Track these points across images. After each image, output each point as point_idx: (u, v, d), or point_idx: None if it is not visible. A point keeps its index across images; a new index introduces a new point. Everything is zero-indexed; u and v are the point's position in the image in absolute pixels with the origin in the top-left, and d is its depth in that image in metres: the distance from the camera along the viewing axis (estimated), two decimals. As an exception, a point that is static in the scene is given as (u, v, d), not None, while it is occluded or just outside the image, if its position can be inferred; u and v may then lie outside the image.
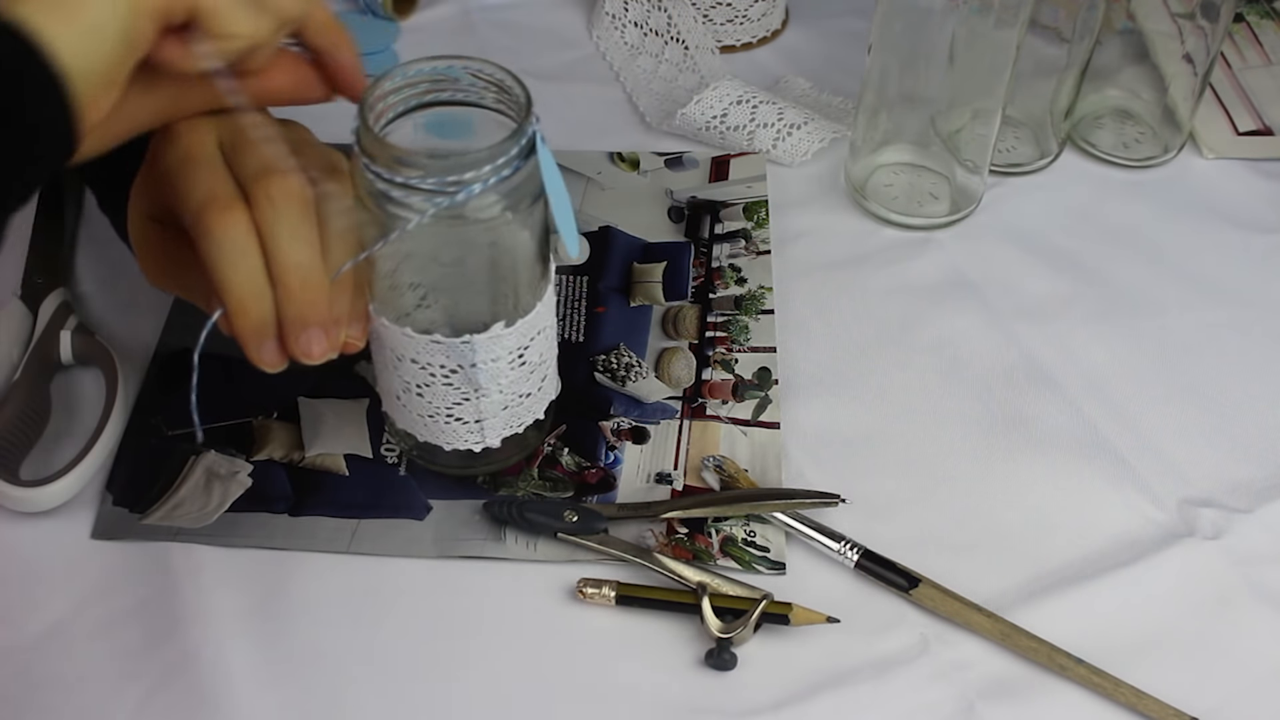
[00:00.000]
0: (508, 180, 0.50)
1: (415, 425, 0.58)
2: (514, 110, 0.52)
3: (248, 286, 0.48)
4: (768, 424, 0.64)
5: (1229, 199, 0.79)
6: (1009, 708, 0.54)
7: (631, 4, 0.88)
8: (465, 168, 0.49)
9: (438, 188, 0.49)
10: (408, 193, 0.49)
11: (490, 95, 0.53)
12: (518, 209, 0.51)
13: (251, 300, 0.48)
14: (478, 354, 0.54)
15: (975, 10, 0.69)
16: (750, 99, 0.80)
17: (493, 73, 0.52)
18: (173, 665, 0.54)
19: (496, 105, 0.53)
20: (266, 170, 0.48)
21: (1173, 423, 0.66)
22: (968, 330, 0.70)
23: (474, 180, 0.49)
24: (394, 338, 0.54)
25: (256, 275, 0.48)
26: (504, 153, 0.49)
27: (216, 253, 0.47)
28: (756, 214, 0.75)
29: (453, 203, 0.49)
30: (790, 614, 0.55)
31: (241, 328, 0.48)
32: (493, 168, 0.49)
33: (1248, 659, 0.57)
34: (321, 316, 0.49)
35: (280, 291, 0.48)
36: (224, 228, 0.47)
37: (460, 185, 0.49)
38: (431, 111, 0.53)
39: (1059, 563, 0.60)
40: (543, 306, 0.56)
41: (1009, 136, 0.80)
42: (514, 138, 0.50)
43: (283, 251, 0.48)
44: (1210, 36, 0.76)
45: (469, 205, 0.50)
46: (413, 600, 0.57)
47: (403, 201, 0.49)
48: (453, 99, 0.53)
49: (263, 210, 0.48)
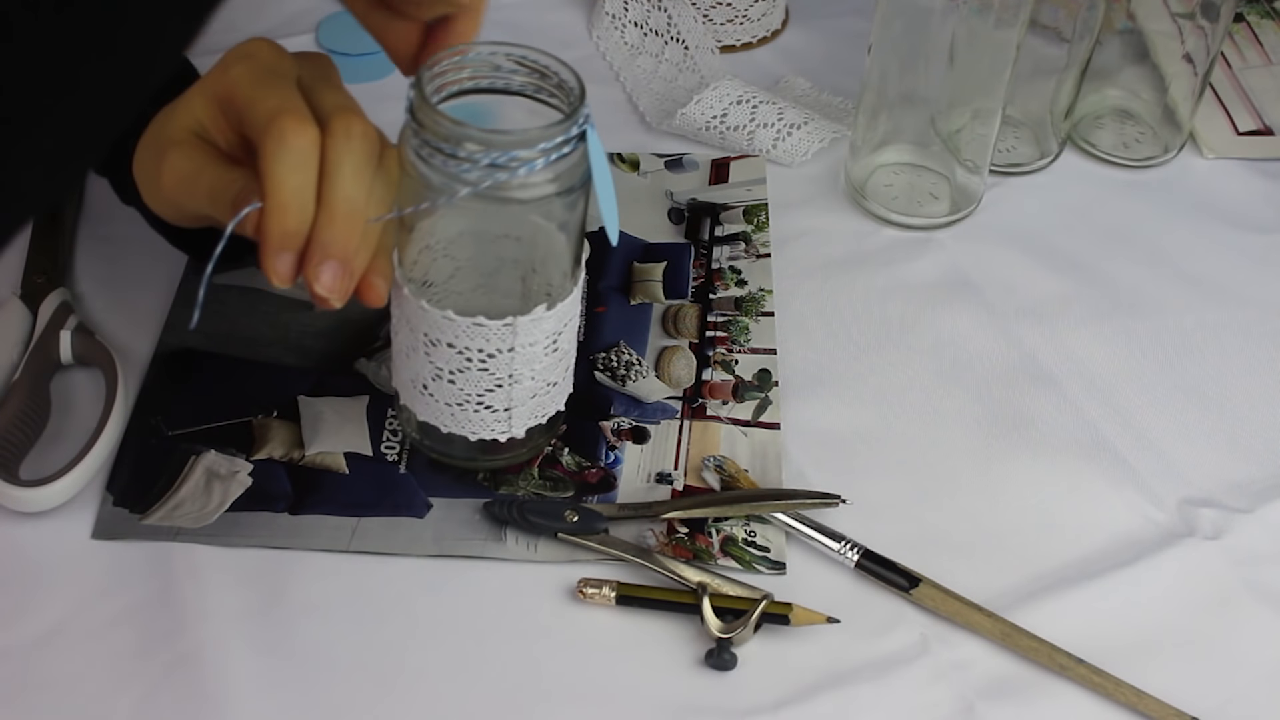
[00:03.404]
0: (561, 160, 0.50)
1: (441, 415, 0.58)
2: (565, 97, 0.53)
3: (297, 193, 0.49)
4: (768, 424, 0.64)
5: (1229, 199, 0.79)
6: (1009, 708, 0.54)
7: (631, 4, 0.88)
8: (526, 144, 0.49)
9: (499, 162, 0.49)
10: (459, 165, 0.49)
11: (531, 84, 0.53)
12: (563, 193, 0.52)
13: (295, 207, 0.49)
14: (519, 337, 0.55)
15: (975, 10, 0.69)
16: (750, 99, 0.80)
17: (538, 59, 0.53)
18: (173, 665, 0.54)
19: (549, 97, 0.54)
20: (348, 109, 0.51)
21: (1173, 423, 0.66)
22: (968, 330, 0.70)
23: (533, 157, 0.49)
24: (432, 321, 0.54)
25: (308, 188, 0.49)
26: (558, 135, 0.50)
27: (280, 153, 0.49)
28: (756, 217, 0.75)
29: (501, 179, 0.49)
30: (790, 614, 0.55)
31: (272, 229, 0.49)
32: (553, 145, 0.50)
33: (1248, 659, 0.57)
34: (347, 254, 0.50)
35: (323, 215, 0.50)
36: (296, 135, 0.49)
37: (520, 162, 0.49)
38: (458, 101, 0.54)
39: (1059, 563, 0.60)
40: (577, 292, 0.57)
41: (1009, 136, 0.80)
42: (571, 118, 0.50)
43: (342, 180, 0.49)
44: (1210, 36, 0.76)
45: (515, 185, 0.50)
46: (413, 599, 0.57)
47: (452, 173, 0.50)
48: (506, 87, 0.54)
49: (337, 140, 0.50)
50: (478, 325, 0.54)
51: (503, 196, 0.51)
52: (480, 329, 0.54)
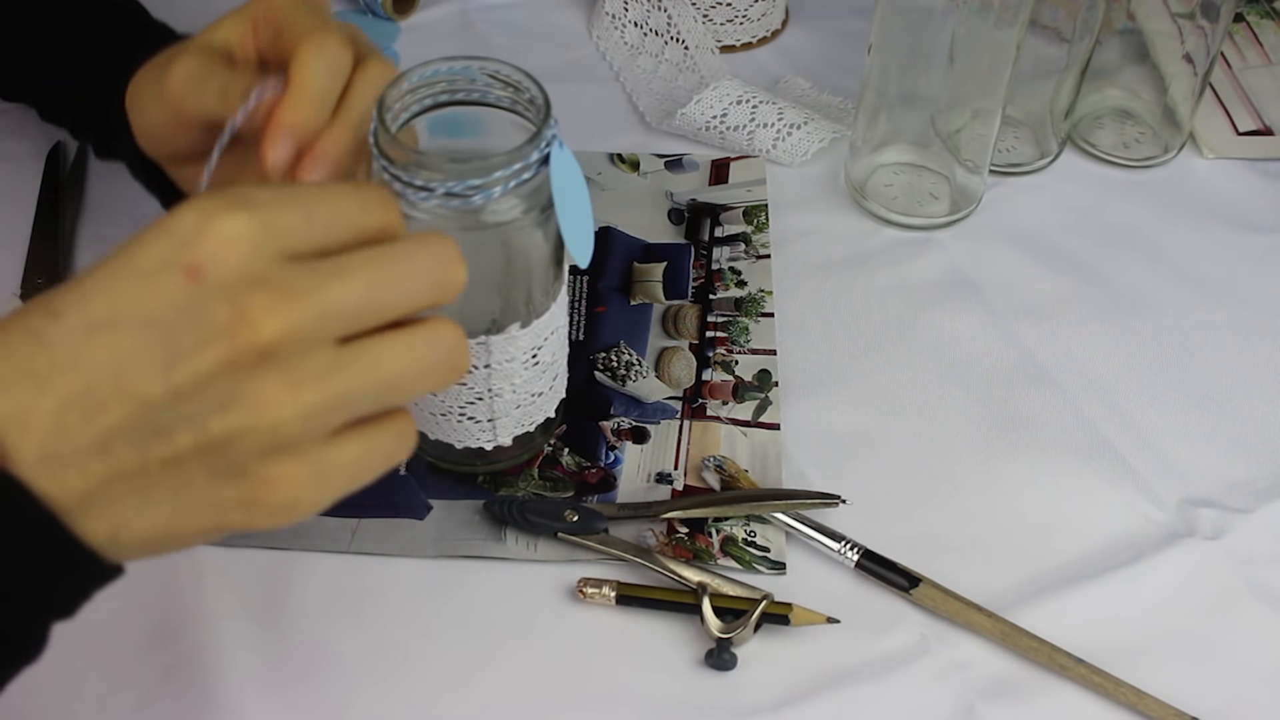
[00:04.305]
0: (526, 184, 0.50)
1: (427, 424, 0.58)
2: (532, 113, 0.52)
3: (321, 93, 0.50)
4: (768, 425, 0.64)
5: (1229, 199, 0.79)
6: (1009, 708, 0.54)
7: (631, 4, 0.88)
8: (484, 171, 0.48)
9: (455, 191, 0.48)
10: (425, 194, 0.49)
11: (507, 97, 0.53)
12: (534, 212, 0.51)
13: (316, 103, 0.50)
14: (493, 355, 0.54)
15: (975, 10, 0.69)
16: (750, 99, 0.80)
17: (510, 74, 0.52)
18: (173, 665, 0.54)
19: (514, 107, 0.53)
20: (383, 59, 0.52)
21: (1173, 423, 0.66)
22: (968, 330, 0.70)
23: (492, 184, 0.48)
24: None
25: (331, 94, 0.50)
26: (523, 157, 0.49)
27: (318, 57, 0.50)
28: (756, 218, 0.75)
29: (469, 205, 0.49)
30: (790, 614, 0.55)
31: (287, 115, 0.49)
32: (511, 172, 0.49)
33: (1248, 659, 0.57)
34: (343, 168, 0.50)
35: (337, 124, 0.50)
36: (336, 49, 0.50)
37: (478, 189, 0.48)
38: (444, 110, 0.53)
39: (1059, 563, 0.60)
40: (556, 307, 0.56)
41: (1009, 136, 0.80)
42: (532, 142, 0.49)
43: (365, 102, 0.50)
44: (1210, 36, 0.76)
45: (485, 209, 0.49)
46: (413, 600, 0.57)
47: (418, 203, 0.49)
48: (468, 99, 0.53)
49: (370, 70, 0.51)
50: None
51: (474, 219, 0.50)
52: None
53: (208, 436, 0.36)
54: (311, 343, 0.36)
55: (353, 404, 0.38)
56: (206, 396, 0.35)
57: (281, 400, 0.36)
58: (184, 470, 0.36)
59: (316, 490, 0.38)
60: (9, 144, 0.75)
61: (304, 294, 0.36)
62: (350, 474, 0.39)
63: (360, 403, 0.38)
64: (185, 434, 0.36)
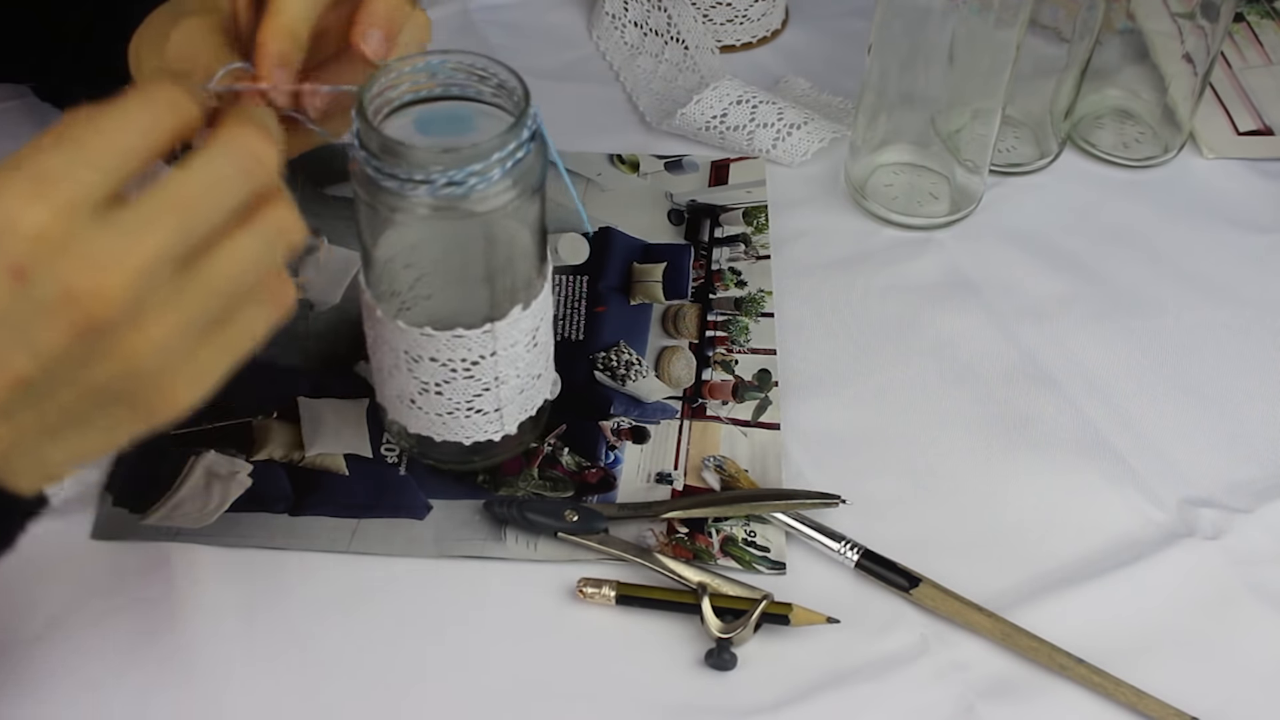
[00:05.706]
0: (518, 165, 0.50)
1: (432, 425, 0.58)
2: (511, 103, 0.52)
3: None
4: (768, 425, 0.64)
5: (1229, 199, 0.79)
6: (1009, 708, 0.54)
7: (631, 4, 0.88)
8: (468, 161, 0.49)
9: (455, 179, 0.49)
10: (410, 187, 0.49)
11: (486, 89, 0.53)
12: (526, 194, 0.52)
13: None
14: (499, 340, 0.54)
15: (975, 10, 0.69)
16: (750, 99, 0.80)
17: (485, 66, 0.52)
18: (172, 665, 0.54)
19: (493, 99, 0.53)
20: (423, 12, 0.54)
21: (1173, 423, 0.66)
22: (968, 330, 0.70)
23: (489, 169, 0.49)
24: (410, 338, 0.54)
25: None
26: (515, 137, 0.49)
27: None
28: (756, 219, 0.75)
29: (468, 192, 0.49)
30: (790, 614, 0.55)
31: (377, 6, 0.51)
32: (506, 153, 0.49)
33: (1248, 659, 0.57)
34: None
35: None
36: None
37: (463, 180, 0.49)
38: (430, 108, 0.53)
39: (1059, 563, 0.60)
40: (548, 285, 0.57)
41: (1009, 136, 0.80)
42: (513, 130, 0.50)
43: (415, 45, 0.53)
44: (1210, 36, 0.76)
45: (470, 198, 0.50)
46: (412, 600, 0.57)
47: (404, 195, 0.49)
48: (448, 94, 0.53)
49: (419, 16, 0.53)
50: (457, 336, 0.54)
51: (459, 209, 0.50)
52: (460, 340, 0.54)
53: (87, 386, 0.40)
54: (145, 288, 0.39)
55: (205, 313, 0.41)
56: (73, 360, 0.39)
57: (135, 345, 0.39)
58: (79, 410, 0.41)
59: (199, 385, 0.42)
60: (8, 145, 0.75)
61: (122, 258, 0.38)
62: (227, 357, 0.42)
63: (211, 309, 0.41)
64: (67, 391, 0.40)
